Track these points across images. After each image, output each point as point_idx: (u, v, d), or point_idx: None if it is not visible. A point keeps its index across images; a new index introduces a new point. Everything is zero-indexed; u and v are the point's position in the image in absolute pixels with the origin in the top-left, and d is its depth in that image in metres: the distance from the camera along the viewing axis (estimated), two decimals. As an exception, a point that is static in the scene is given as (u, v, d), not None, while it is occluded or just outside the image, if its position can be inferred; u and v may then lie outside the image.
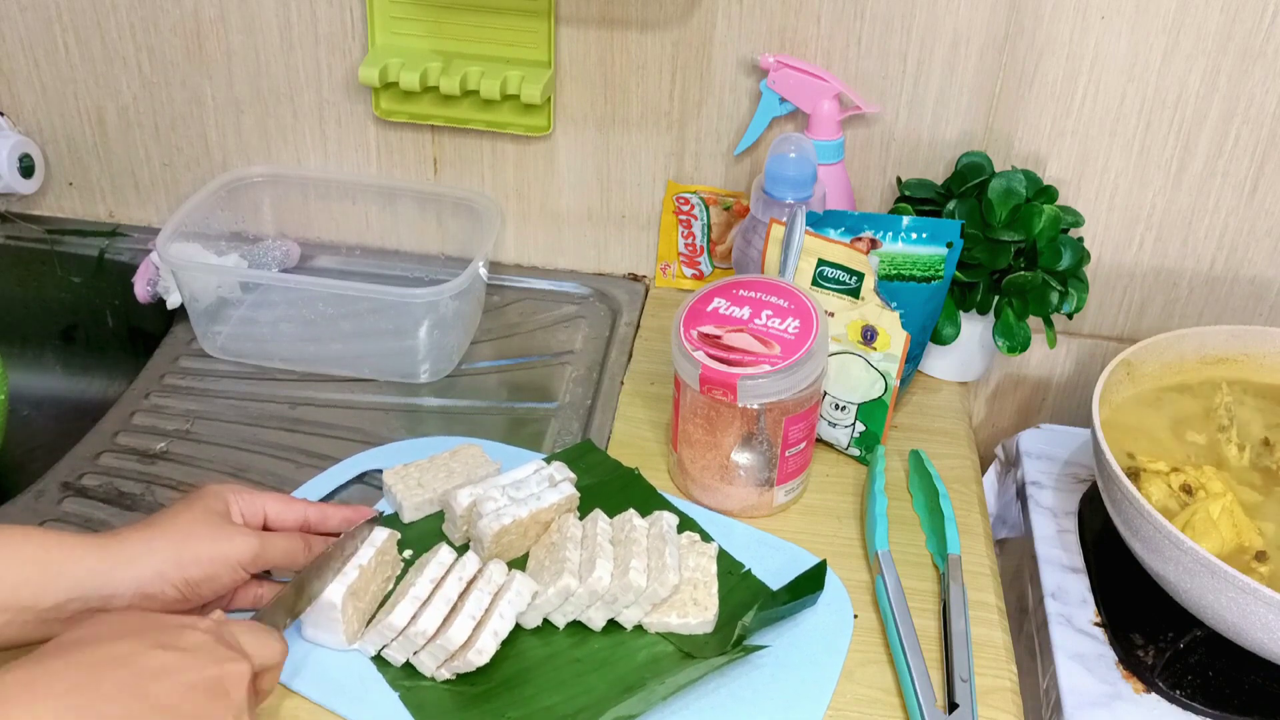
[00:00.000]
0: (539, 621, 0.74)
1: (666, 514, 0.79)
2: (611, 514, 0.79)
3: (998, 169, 0.97)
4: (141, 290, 1.06)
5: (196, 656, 0.59)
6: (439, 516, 0.82)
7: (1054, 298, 0.94)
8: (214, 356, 1.01)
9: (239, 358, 1.01)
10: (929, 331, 0.95)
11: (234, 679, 0.59)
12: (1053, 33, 0.94)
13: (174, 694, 0.56)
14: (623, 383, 0.99)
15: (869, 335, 0.86)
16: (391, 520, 0.82)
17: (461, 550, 0.78)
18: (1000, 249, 0.93)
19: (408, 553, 0.79)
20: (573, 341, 1.04)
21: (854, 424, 0.90)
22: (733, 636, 0.71)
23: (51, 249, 1.13)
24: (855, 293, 0.85)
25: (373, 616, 0.74)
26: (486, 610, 0.70)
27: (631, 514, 0.79)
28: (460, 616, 0.69)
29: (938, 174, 1.01)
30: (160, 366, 1.00)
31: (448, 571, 0.73)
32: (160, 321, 1.07)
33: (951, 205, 0.95)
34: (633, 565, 0.73)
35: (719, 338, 0.80)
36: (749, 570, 0.79)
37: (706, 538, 0.80)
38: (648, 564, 0.74)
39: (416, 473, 0.83)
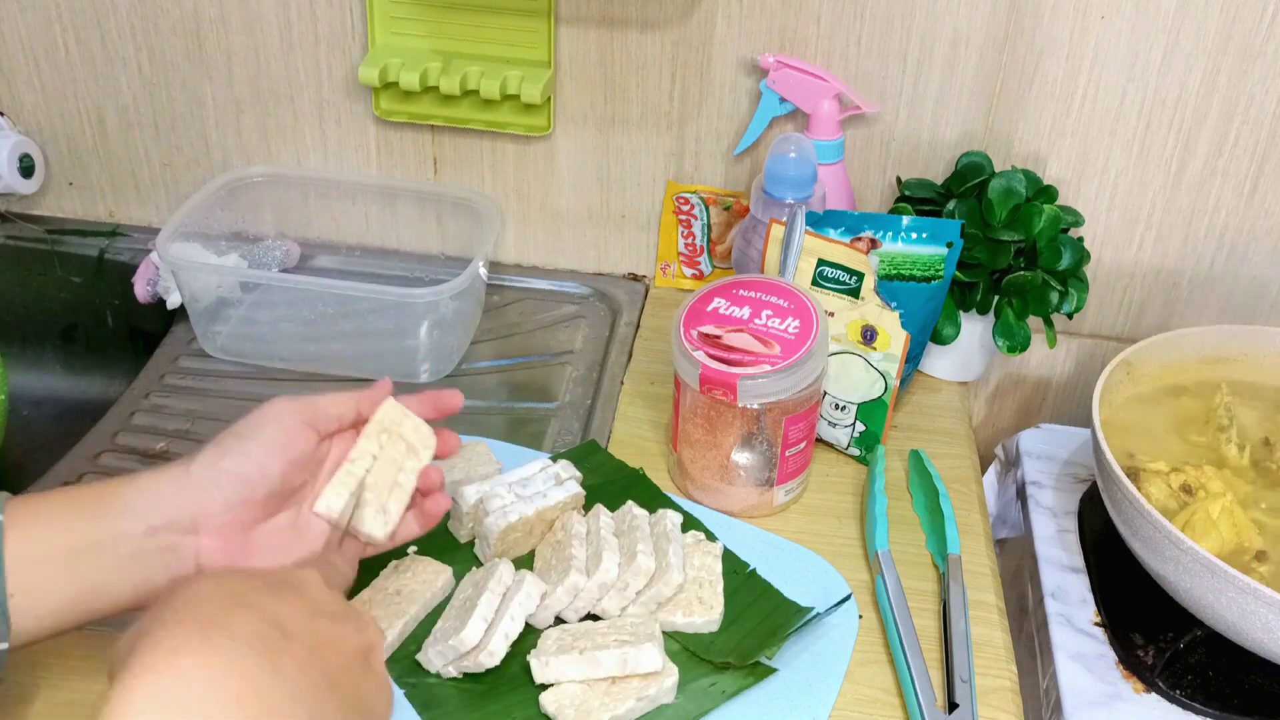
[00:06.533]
0: (550, 620, 0.74)
1: (670, 512, 0.79)
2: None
3: (998, 169, 0.97)
4: (141, 290, 1.06)
5: (345, 623, 0.52)
6: None
7: (1054, 298, 0.94)
8: (214, 356, 1.01)
9: (239, 358, 1.01)
10: (929, 331, 0.95)
11: (376, 649, 0.54)
12: (1053, 33, 0.94)
13: (340, 668, 0.49)
14: (623, 383, 0.99)
15: (869, 335, 0.86)
16: None
17: (469, 545, 0.79)
18: (1000, 249, 0.93)
19: (412, 549, 0.79)
20: (573, 341, 1.04)
21: (854, 424, 0.90)
22: (749, 659, 0.72)
23: (51, 249, 1.13)
24: (855, 293, 0.85)
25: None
26: (496, 611, 0.70)
27: (631, 505, 0.79)
28: (473, 618, 0.69)
29: (938, 174, 1.01)
30: (160, 366, 1.00)
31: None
32: (160, 321, 1.07)
33: (951, 205, 0.95)
34: (639, 549, 0.73)
35: (719, 338, 0.80)
36: (754, 569, 0.79)
37: (711, 537, 0.80)
38: (653, 551, 0.74)
39: None
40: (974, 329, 0.99)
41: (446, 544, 0.80)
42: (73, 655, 0.71)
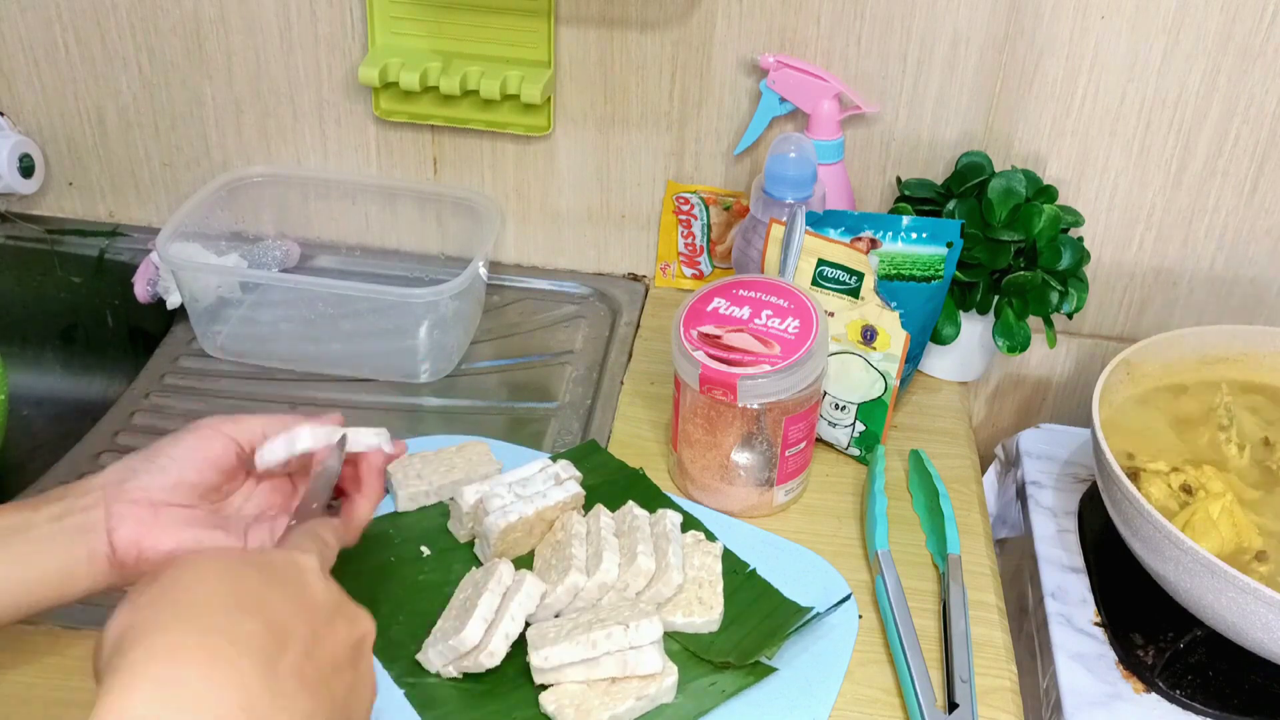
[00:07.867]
0: (551, 619, 0.74)
1: (670, 512, 0.78)
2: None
3: (998, 169, 0.97)
4: (141, 290, 1.06)
5: (339, 616, 0.51)
6: (436, 510, 0.82)
7: (1054, 297, 0.94)
8: (214, 356, 1.01)
9: (239, 358, 1.01)
10: (929, 331, 0.95)
11: (367, 641, 0.53)
12: (1053, 33, 0.94)
13: (331, 667, 0.49)
14: (623, 383, 0.99)
15: (869, 335, 0.86)
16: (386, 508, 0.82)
17: (469, 545, 0.79)
18: (1000, 249, 0.93)
19: (425, 550, 0.79)
20: (573, 341, 1.04)
21: (854, 424, 0.90)
22: (749, 658, 0.72)
23: (51, 249, 1.13)
24: (855, 293, 0.85)
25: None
26: (496, 611, 0.70)
27: (631, 505, 0.79)
28: (473, 618, 0.69)
29: (938, 174, 1.01)
30: (160, 366, 1.00)
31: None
32: (160, 321, 1.07)
33: (951, 205, 0.95)
34: (639, 550, 0.73)
35: (719, 338, 0.80)
36: (754, 569, 0.79)
37: (711, 537, 0.80)
38: (653, 551, 0.74)
39: (419, 463, 0.84)
40: (974, 329, 0.99)
41: (446, 544, 0.80)
42: (69, 654, 0.71)
